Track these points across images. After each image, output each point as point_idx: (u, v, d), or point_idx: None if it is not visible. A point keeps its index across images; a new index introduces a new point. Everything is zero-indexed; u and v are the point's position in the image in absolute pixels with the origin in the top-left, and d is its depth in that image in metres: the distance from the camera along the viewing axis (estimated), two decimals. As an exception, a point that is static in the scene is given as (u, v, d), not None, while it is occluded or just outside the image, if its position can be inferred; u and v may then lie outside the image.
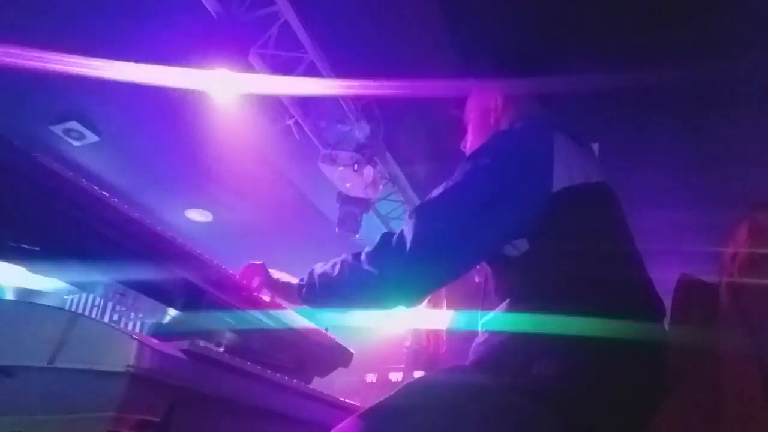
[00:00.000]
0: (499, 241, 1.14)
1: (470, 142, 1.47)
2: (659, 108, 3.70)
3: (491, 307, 1.19)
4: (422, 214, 1.16)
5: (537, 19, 3.18)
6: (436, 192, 1.18)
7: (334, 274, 1.24)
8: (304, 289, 1.31)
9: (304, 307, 1.37)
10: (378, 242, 1.18)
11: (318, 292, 1.28)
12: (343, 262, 1.23)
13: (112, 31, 3.34)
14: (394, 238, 1.15)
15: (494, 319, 1.16)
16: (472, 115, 1.48)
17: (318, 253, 1.38)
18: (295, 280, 1.38)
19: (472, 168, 1.18)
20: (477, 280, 1.55)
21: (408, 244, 1.11)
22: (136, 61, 3.46)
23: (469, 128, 1.48)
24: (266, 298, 1.47)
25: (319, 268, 1.29)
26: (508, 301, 1.14)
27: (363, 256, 1.18)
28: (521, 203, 1.13)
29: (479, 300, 1.27)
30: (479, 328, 1.20)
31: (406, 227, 1.14)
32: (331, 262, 1.27)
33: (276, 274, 1.47)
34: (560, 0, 3.11)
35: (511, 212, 1.12)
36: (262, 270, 1.47)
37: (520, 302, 1.12)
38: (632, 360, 1.04)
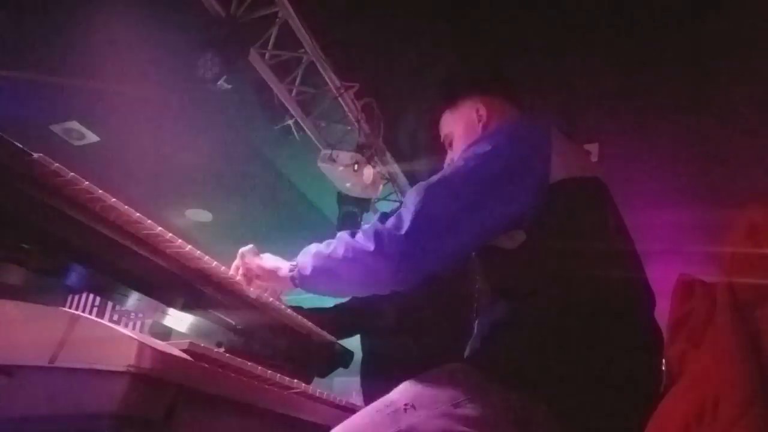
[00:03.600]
0: (497, 227, 1.14)
1: (457, 153, 1.45)
2: (659, 108, 3.70)
3: (486, 302, 1.19)
4: (422, 193, 1.14)
5: (534, 21, 3.19)
6: (436, 175, 1.17)
7: (328, 251, 1.20)
8: (296, 270, 1.27)
9: (296, 289, 1.31)
10: (375, 220, 1.17)
11: (310, 272, 1.23)
12: (338, 239, 1.20)
13: (112, 30, 3.34)
14: (393, 216, 1.14)
15: (490, 315, 1.16)
16: (455, 128, 1.46)
17: (318, 253, 1.37)
18: (285, 264, 1.33)
19: (473, 154, 1.19)
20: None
21: (407, 222, 1.10)
22: (136, 60, 3.47)
23: (455, 141, 1.46)
24: (261, 292, 1.43)
25: (313, 247, 1.26)
26: (503, 296, 1.14)
27: (359, 233, 1.16)
28: (521, 189, 1.12)
29: (473, 295, 1.27)
30: (475, 323, 1.20)
31: (404, 207, 1.13)
32: (325, 242, 1.24)
33: (267, 258, 1.40)
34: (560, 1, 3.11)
35: (511, 198, 1.12)
36: (252, 254, 1.40)
37: (515, 297, 1.12)
38: (630, 358, 1.04)
